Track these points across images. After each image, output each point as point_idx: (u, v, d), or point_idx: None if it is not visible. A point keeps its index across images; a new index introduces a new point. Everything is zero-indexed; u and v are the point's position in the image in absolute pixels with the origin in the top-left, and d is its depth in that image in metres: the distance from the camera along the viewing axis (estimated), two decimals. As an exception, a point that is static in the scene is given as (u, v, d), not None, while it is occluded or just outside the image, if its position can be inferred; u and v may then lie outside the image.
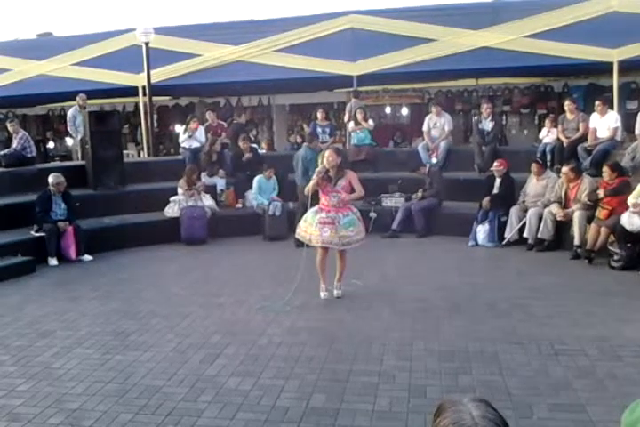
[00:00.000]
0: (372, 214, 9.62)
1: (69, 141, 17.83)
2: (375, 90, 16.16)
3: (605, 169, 7.86)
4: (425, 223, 9.54)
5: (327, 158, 6.01)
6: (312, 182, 6.06)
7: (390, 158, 11.34)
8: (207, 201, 9.96)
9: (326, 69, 12.55)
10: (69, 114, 12.07)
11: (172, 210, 9.72)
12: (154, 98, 13.25)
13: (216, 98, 17.49)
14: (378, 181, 10.07)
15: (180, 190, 9.84)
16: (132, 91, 13.57)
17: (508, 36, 11.55)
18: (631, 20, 10.72)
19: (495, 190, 9.07)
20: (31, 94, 14.35)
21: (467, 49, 11.77)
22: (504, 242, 8.66)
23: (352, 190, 6.16)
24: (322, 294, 6.27)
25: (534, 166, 8.80)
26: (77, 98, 11.65)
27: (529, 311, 5.76)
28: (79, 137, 11.74)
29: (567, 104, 9.85)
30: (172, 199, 9.83)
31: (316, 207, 6.18)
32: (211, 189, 10.39)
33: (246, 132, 12.31)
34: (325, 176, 6.02)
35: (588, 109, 10.09)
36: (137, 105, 14.63)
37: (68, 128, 12.22)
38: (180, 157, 11.85)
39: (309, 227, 6.10)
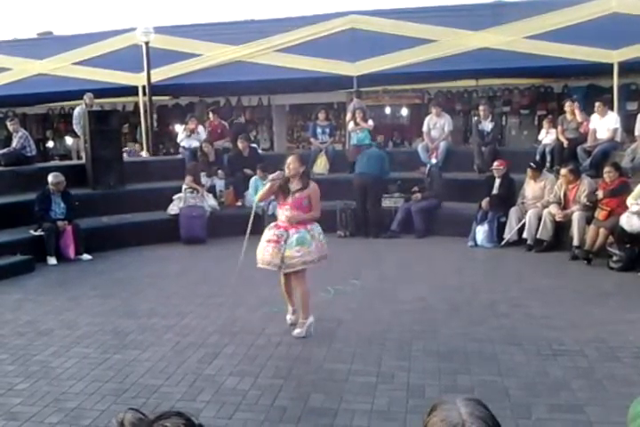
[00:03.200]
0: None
1: (69, 141, 17.84)
2: (375, 90, 16.15)
3: (609, 169, 7.84)
4: (424, 224, 9.54)
5: (289, 166, 5.14)
6: (264, 189, 5.28)
7: (390, 159, 11.33)
8: (210, 201, 9.99)
9: (326, 70, 12.55)
10: (75, 112, 12.04)
11: (176, 207, 9.73)
12: (154, 97, 13.25)
13: (216, 98, 17.48)
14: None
15: (184, 187, 9.85)
16: (132, 90, 13.57)
17: (509, 37, 11.55)
18: (631, 21, 10.72)
19: (495, 191, 9.07)
20: (31, 93, 14.34)
21: (467, 50, 11.77)
22: (503, 243, 8.67)
23: (310, 206, 5.24)
24: (288, 318, 5.47)
25: (529, 171, 8.80)
26: (85, 97, 11.63)
27: (528, 312, 5.76)
28: None
29: (568, 105, 9.86)
30: (175, 197, 9.84)
31: (273, 223, 5.35)
32: (210, 190, 10.39)
33: (247, 133, 12.29)
34: (284, 185, 5.18)
35: (587, 110, 10.10)
36: (137, 104, 14.62)
37: (74, 126, 12.20)
38: (179, 156, 11.86)
39: (260, 246, 5.25)
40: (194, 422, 1.21)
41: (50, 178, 8.59)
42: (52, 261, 8.23)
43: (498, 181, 9.08)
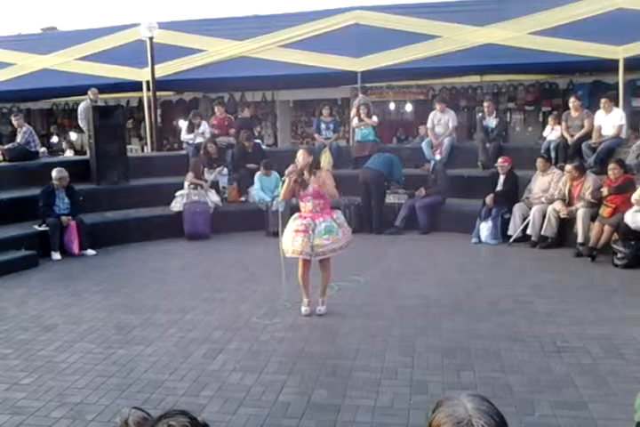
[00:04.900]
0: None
1: (73, 136, 17.86)
2: (379, 86, 16.12)
3: (614, 165, 7.82)
4: (428, 220, 9.53)
5: (298, 158, 5.48)
6: (284, 186, 5.56)
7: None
8: (214, 197, 9.98)
9: (330, 65, 12.52)
10: (80, 108, 12.04)
11: (179, 204, 9.72)
12: (158, 93, 13.25)
13: (220, 93, 17.48)
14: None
15: (186, 184, 9.84)
16: (136, 85, 13.56)
17: (513, 33, 11.51)
18: (637, 17, 10.66)
19: (499, 187, 9.06)
20: (35, 89, 14.35)
21: (471, 45, 11.73)
22: (511, 240, 8.59)
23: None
24: (303, 309, 5.68)
25: (540, 161, 8.79)
26: (89, 92, 11.64)
27: (531, 309, 5.75)
28: None
29: (572, 101, 9.81)
30: (177, 193, 9.84)
31: (296, 214, 5.69)
32: (213, 186, 10.38)
33: (251, 128, 12.23)
34: (300, 180, 5.50)
35: (592, 107, 10.05)
36: (141, 100, 14.64)
37: (79, 122, 12.21)
38: (183, 152, 11.86)
39: (286, 236, 5.58)
40: (198, 421, 1.21)
41: (53, 173, 8.60)
42: (57, 256, 8.25)
43: (502, 178, 9.06)
